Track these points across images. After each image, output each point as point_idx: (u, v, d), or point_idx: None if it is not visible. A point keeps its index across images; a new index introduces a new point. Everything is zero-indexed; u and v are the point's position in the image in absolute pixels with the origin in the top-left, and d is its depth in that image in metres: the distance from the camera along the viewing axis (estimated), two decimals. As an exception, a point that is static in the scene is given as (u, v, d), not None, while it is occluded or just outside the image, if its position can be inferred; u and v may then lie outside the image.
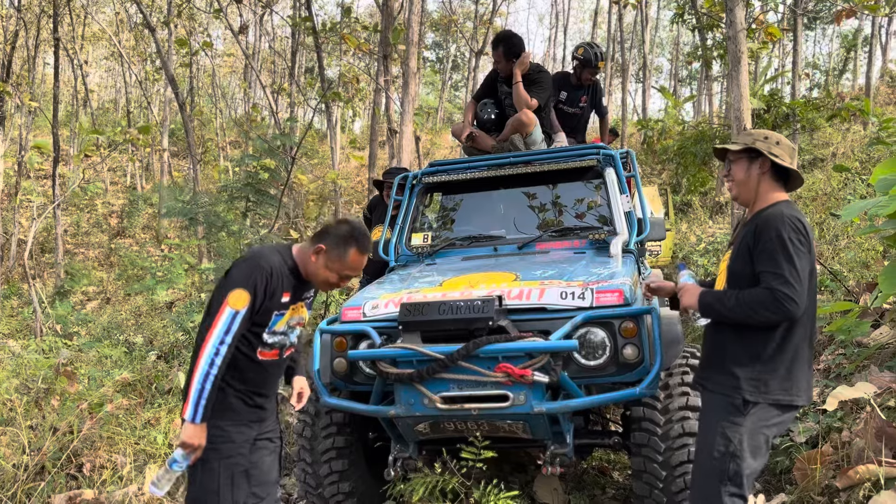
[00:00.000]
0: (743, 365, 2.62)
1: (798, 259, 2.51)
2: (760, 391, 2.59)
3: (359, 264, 2.84)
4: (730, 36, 8.85)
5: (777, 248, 2.52)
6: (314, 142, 25.61)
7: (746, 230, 2.70)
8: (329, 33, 17.44)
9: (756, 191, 2.76)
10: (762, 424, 2.60)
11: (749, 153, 2.75)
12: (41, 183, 22.32)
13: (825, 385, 4.93)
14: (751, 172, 2.75)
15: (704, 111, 26.22)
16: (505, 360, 3.11)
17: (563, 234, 4.45)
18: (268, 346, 2.82)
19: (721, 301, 2.63)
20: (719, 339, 2.73)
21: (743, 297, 2.56)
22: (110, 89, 37.34)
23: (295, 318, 2.92)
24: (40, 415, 4.54)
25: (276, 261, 2.77)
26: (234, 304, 2.64)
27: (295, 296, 2.86)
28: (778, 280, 2.48)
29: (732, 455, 2.58)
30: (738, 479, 2.58)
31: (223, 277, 2.76)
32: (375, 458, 4.02)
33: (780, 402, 2.59)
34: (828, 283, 6.93)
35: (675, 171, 16.63)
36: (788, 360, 2.61)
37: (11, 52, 16.50)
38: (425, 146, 23.21)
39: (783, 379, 2.60)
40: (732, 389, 2.62)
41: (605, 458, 4.76)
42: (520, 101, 5.04)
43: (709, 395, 2.74)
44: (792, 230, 2.54)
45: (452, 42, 34.46)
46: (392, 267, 4.60)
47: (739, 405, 2.60)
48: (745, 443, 2.58)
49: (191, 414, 2.57)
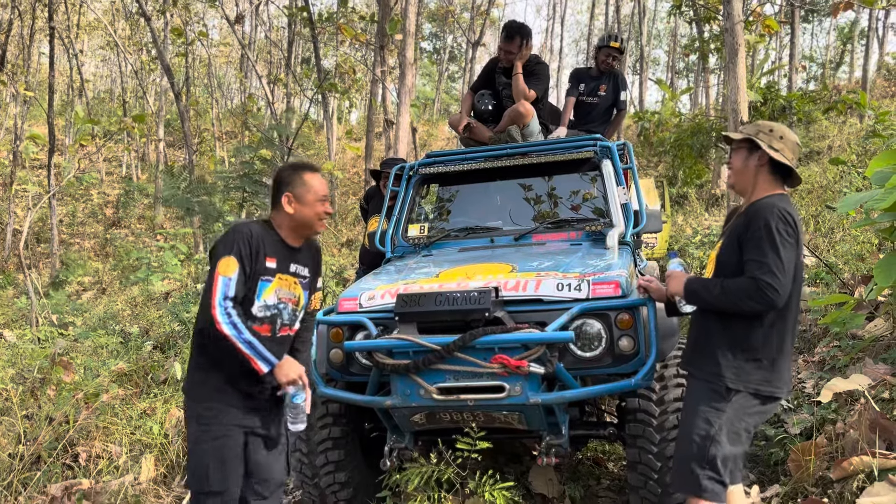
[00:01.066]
0: (726, 353, 2.66)
1: (783, 250, 2.53)
2: (742, 380, 2.63)
3: (320, 181, 2.90)
4: (727, 28, 8.85)
5: (764, 237, 2.54)
6: (311, 133, 25.55)
7: (739, 221, 2.72)
8: (325, 23, 17.38)
9: (752, 182, 2.77)
10: (743, 412, 2.64)
11: (749, 144, 2.76)
12: (36, 173, 22.25)
13: (819, 377, 4.95)
14: (748, 163, 2.77)
15: (701, 103, 26.22)
16: (501, 351, 3.11)
17: (559, 226, 4.45)
18: (258, 319, 2.77)
19: (706, 289, 2.67)
20: (705, 326, 2.77)
21: (727, 286, 2.59)
22: (106, 79, 37.18)
23: (285, 292, 2.85)
24: (36, 404, 4.53)
25: (255, 227, 2.82)
26: (224, 271, 2.67)
27: (282, 264, 2.84)
28: (762, 269, 2.51)
29: (712, 439, 2.61)
30: (715, 463, 2.61)
31: (210, 258, 2.78)
32: (371, 448, 4.03)
33: (760, 393, 2.63)
34: (823, 275, 6.95)
35: (672, 164, 16.65)
36: (772, 352, 2.65)
37: (6, 41, 16.39)
38: (422, 137, 23.17)
39: (766, 370, 2.64)
40: (715, 376, 2.66)
41: (600, 449, 4.78)
42: (518, 92, 5.03)
43: (693, 381, 2.79)
44: (780, 221, 2.56)
45: (449, 33, 34.35)
46: (388, 258, 4.60)
47: (722, 391, 2.64)
48: (724, 428, 2.61)
49: (264, 366, 2.67)
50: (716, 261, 2.78)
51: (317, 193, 2.86)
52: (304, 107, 25.91)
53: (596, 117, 6.17)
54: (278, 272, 2.82)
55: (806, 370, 5.36)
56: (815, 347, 5.81)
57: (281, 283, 2.83)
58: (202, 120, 26.93)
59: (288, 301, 2.87)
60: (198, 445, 2.75)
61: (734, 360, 2.64)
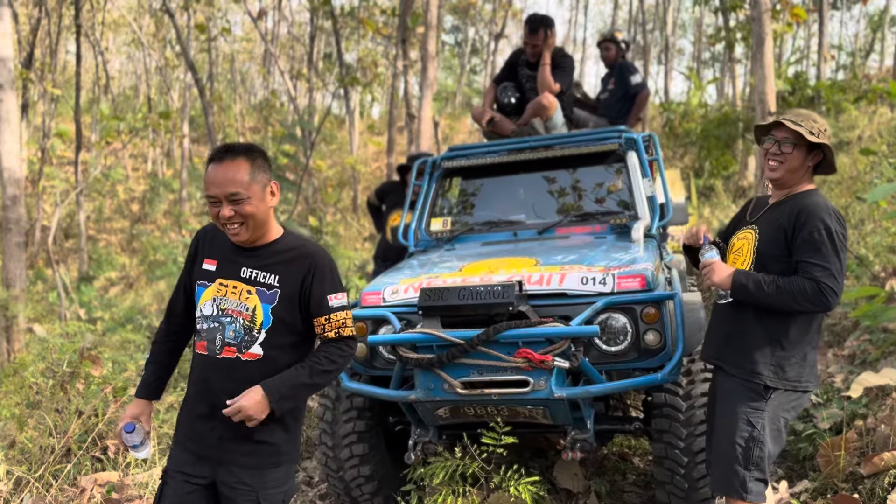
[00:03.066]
0: (763, 350, 2.63)
1: (842, 254, 2.53)
2: (780, 377, 2.62)
3: (218, 174, 2.19)
4: (754, 17, 8.71)
5: (826, 240, 2.52)
6: (332, 127, 25.62)
7: (780, 214, 2.67)
8: (347, 17, 17.40)
9: (801, 178, 2.72)
10: (782, 409, 2.64)
11: (808, 142, 2.64)
12: (64, 169, 22.57)
13: (849, 371, 4.87)
14: (805, 163, 2.69)
15: (728, 94, 25.87)
16: (525, 345, 3.09)
17: (583, 219, 4.41)
18: (199, 334, 2.33)
19: (759, 286, 2.58)
20: (739, 321, 2.72)
21: (784, 286, 2.54)
22: (131, 75, 37.58)
23: (230, 301, 2.26)
24: (66, 398, 4.60)
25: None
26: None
27: (224, 268, 2.30)
28: (825, 273, 2.49)
29: (756, 440, 2.60)
30: (761, 464, 2.62)
31: None
32: (396, 442, 4.04)
33: (797, 389, 2.63)
34: (854, 267, 6.83)
35: (698, 155, 16.45)
36: (806, 347, 2.64)
37: (34, 40, 16.61)
38: (444, 131, 23.13)
39: (799, 365, 2.63)
40: (752, 374, 2.63)
41: (626, 444, 4.74)
42: (544, 83, 4.98)
43: (727, 379, 2.74)
44: (838, 223, 2.55)
45: (471, 25, 34.21)
46: (412, 252, 4.60)
47: (760, 390, 2.62)
48: (766, 428, 2.61)
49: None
50: (755, 252, 2.71)
51: (207, 191, 2.22)
52: (326, 102, 26.02)
53: (609, 112, 6.11)
54: (218, 277, 2.30)
55: (836, 364, 5.28)
56: (845, 341, 5.72)
57: (221, 291, 2.29)
58: (226, 116, 27.13)
59: (235, 314, 2.26)
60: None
61: (772, 357, 2.62)
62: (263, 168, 2.28)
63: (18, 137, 9.20)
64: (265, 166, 2.29)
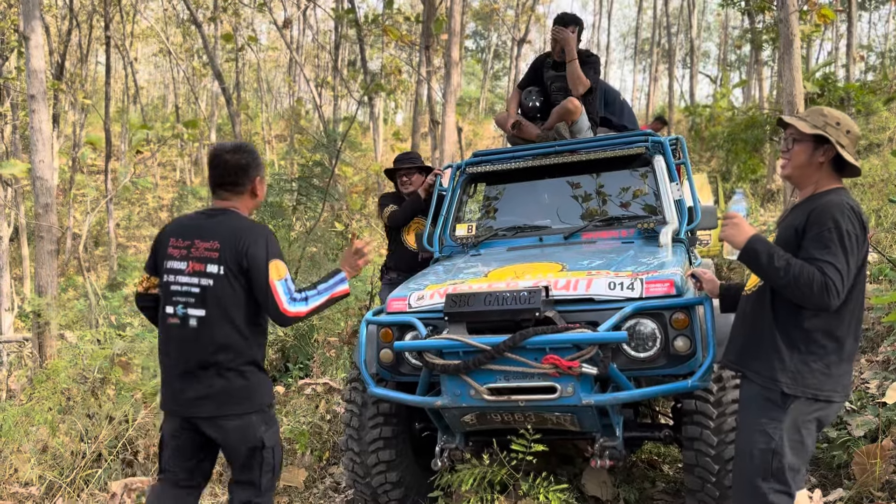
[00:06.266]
0: (782, 354, 2.50)
1: (851, 255, 2.39)
2: (799, 384, 2.47)
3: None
4: (781, 18, 8.61)
5: (835, 238, 2.39)
6: (357, 134, 25.77)
7: (796, 214, 2.57)
8: (371, 25, 17.50)
9: (815, 177, 2.61)
10: (803, 419, 2.50)
11: (815, 137, 2.57)
12: (94, 178, 22.95)
13: (884, 377, 4.77)
14: (814, 159, 2.59)
15: (755, 96, 25.59)
16: (552, 351, 3.06)
17: (610, 224, 4.37)
18: None
19: (770, 256, 2.45)
20: (758, 322, 2.60)
21: (794, 265, 2.40)
22: (159, 85, 38.15)
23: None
24: (97, 404, 4.66)
25: None
26: (280, 275, 2.84)
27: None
28: (832, 269, 2.36)
29: (774, 452, 2.48)
30: (781, 476, 2.48)
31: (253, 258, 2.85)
32: (422, 448, 4.02)
33: (818, 398, 2.48)
34: (886, 272, 6.70)
35: (725, 159, 16.28)
36: (829, 354, 2.49)
37: (64, 51, 16.94)
38: (468, 137, 23.15)
39: (821, 373, 2.48)
40: (770, 381, 2.51)
41: (655, 451, 4.69)
42: (574, 78, 4.90)
43: (747, 385, 2.63)
44: (851, 222, 2.41)
45: (494, 31, 34.25)
46: (437, 258, 4.59)
47: (777, 400, 2.49)
48: (785, 438, 2.48)
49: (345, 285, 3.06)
50: None
51: None
52: (351, 109, 26.16)
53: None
54: None
55: (869, 370, 5.17)
56: (878, 347, 5.60)
57: None
58: (252, 124, 27.42)
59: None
60: (277, 445, 2.92)
61: (791, 362, 2.49)
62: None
63: (51, 148, 9.36)
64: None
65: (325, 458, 4.87)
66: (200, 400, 2.78)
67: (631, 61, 52.72)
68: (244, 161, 2.87)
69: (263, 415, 2.87)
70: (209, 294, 2.76)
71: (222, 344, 2.77)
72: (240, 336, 2.80)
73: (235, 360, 2.79)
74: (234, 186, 2.89)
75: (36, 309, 8.04)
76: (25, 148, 14.92)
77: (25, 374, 8.03)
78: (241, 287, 2.78)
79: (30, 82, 8.63)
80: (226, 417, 2.79)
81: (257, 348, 2.88)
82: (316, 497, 4.44)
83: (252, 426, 2.82)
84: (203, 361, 2.77)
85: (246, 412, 2.81)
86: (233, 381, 2.78)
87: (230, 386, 2.78)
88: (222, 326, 2.76)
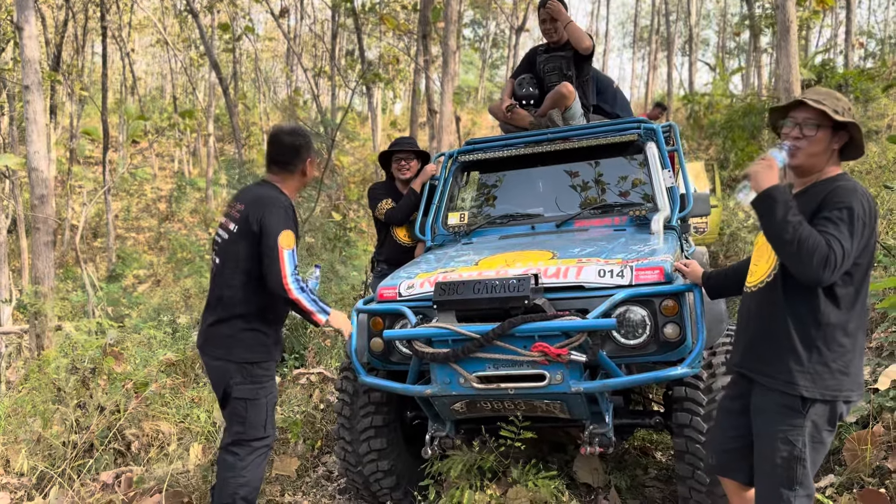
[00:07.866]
0: (799, 355, 2.38)
1: (857, 239, 2.30)
2: (818, 386, 2.36)
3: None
4: (778, 4, 8.57)
5: (846, 218, 2.30)
6: (355, 124, 25.72)
7: (804, 201, 2.44)
8: (369, 14, 17.42)
9: (822, 163, 2.48)
10: (822, 421, 2.40)
11: (833, 122, 2.42)
12: (92, 169, 22.92)
13: (877, 364, 4.77)
14: (831, 145, 2.46)
15: (753, 84, 25.51)
16: (541, 339, 3.06)
17: (602, 211, 4.35)
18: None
19: (787, 208, 2.31)
20: (768, 321, 2.48)
21: (805, 227, 2.28)
22: (156, 76, 38.05)
23: None
24: (88, 394, 4.66)
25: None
26: (288, 244, 3.08)
27: None
28: (838, 244, 2.25)
29: (798, 459, 2.39)
30: (806, 481, 2.41)
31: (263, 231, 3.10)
32: (414, 436, 4.03)
33: (836, 399, 2.38)
34: (881, 258, 6.68)
35: (723, 146, 16.25)
36: (846, 351, 2.39)
37: (61, 41, 16.87)
38: (466, 126, 23.11)
39: (841, 373, 2.37)
40: (788, 385, 2.38)
41: (647, 438, 4.69)
42: (577, 36, 4.84)
43: (761, 391, 2.49)
44: (863, 208, 2.32)
45: (492, 19, 34.09)
46: (429, 247, 4.58)
47: (797, 405, 2.38)
48: (807, 444, 2.38)
49: (322, 316, 3.27)
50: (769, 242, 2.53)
51: None
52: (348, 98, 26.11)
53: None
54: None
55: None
56: (872, 333, 5.60)
57: None
58: (250, 114, 27.36)
59: None
60: (253, 404, 3.14)
61: (809, 363, 2.36)
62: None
63: (46, 138, 9.34)
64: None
65: (317, 446, 4.88)
66: (202, 332, 3.25)
67: (630, 49, 52.61)
68: (298, 143, 3.24)
69: (242, 369, 3.14)
70: (222, 247, 3.20)
71: (220, 293, 3.17)
72: (232, 291, 3.13)
73: (227, 311, 3.14)
74: (285, 165, 3.26)
75: (32, 300, 8.04)
76: (23, 139, 14.88)
77: (22, 366, 8.05)
78: (244, 248, 3.11)
79: (24, 73, 8.61)
80: (208, 355, 3.20)
81: (248, 307, 3.14)
82: (308, 486, 4.45)
83: (227, 372, 3.14)
84: (212, 301, 3.22)
85: (221, 358, 3.15)
86: (219, 328, 3.15)
87: (217, 331, 3.16)
88: (224, 278, 3.16)
